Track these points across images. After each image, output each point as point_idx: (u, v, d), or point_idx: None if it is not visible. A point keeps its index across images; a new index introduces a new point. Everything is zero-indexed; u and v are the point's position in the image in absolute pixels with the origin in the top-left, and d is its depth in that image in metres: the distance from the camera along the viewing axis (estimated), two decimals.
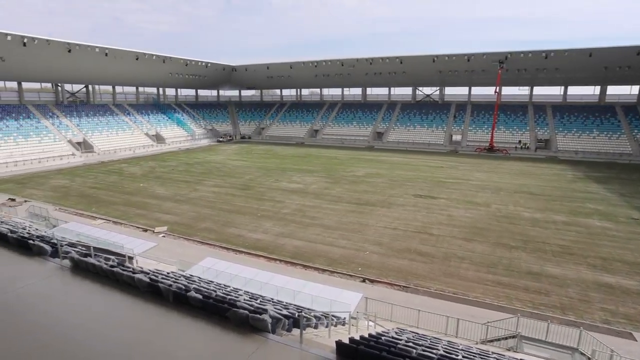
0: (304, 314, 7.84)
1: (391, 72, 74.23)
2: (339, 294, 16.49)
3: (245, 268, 19.21)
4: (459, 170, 47.55)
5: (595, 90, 69.57)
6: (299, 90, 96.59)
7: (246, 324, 5.40)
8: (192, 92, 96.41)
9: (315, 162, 53.53)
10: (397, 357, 5.31)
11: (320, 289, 16.78)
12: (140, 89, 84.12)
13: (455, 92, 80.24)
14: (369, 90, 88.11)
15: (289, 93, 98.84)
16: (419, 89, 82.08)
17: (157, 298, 6.40)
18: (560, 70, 63.22)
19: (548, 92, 73.37)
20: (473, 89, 77.05)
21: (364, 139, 74.69)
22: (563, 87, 71.16)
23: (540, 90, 73.05)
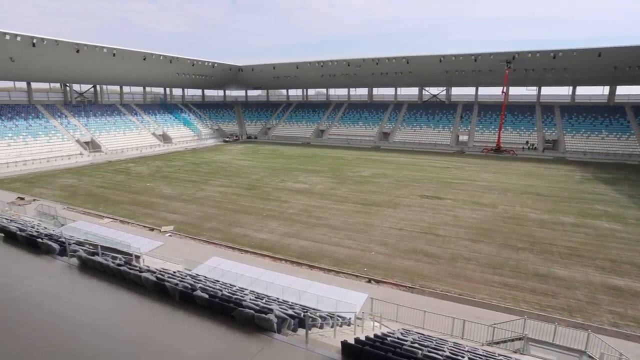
0: (309, 314, 7.83)
1: (398, 72, 74.02)
2: (345, 294, 16.49)
3: (251, 268, 19.29)
4: (466, 170, 47.28)
5: (605, 90, 68.88)
6: (305, 90, 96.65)
7: (252, 324, 5.41)
8: (199, 92, 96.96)
9: (321, 162, 53.54)
10: (403, 358, 5.29)
11: (326, 289, 16.79)
12: (148, 89, 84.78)
13: (462, 92, 79.83)
14: (375, 91, 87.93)
15: (295, 93, 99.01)
16: (425, 89, 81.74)
17: (164, 297, 6.43)
18: (568, 70, 62.63)
19: (556, 92, 72.70)
20: (480, 89, 76.57)
21: (370, 139, 74.56)
22: (571, 87, 70.46)
23: (548, 91, 72.45)
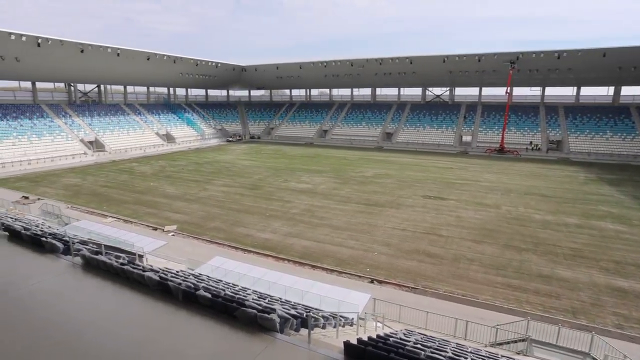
0: (312, 314, 7.83)
1: (401, 73, 73.87)
2: (347, 295, 16.48)
3: (253, 267, 19.31)
4: (469, 171, 47.13)
5: (609, 90, 68.45)
6: (308, 90, 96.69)
7: (254, 323, 5.41)
8: (202, 92, 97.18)
9: (324, 163, 53.51)
10: (405, 359, 5.28)
11: (328, 289, 16.78)
12: (151, 89, 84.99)
13: (466, 93, 79.59)
14: (378, 91, 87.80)
15: (298, 93, 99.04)
16: (428, 90, 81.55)
17: (167, 296, 6.44)
18: (573, 70, 62.29)
19: (560, 93, 72.35)
20: (484, 89, 76.33)
21: (373, 140, 74.46)
22: (576, 88, 70.07)
23: (552, 91, 72.06)
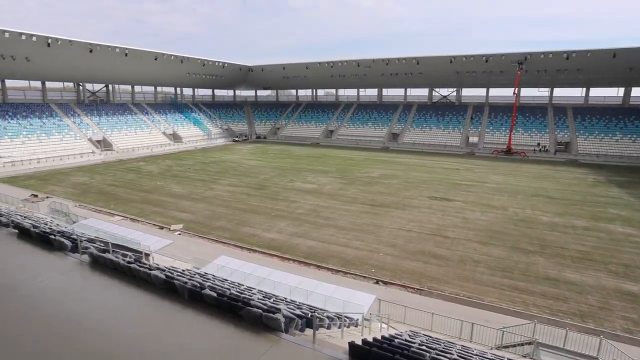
0: (317, 314, 7.83)
1: (407, 73, 73.67)
2: (352, 295, 16.44)
3: (259, 267, 19.33)
4: (475, 172, 46.85)
5: (619, 91, 67.66)
6: (314, 90, 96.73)
7: (259, 323, 5.42)
8: (209, 92, 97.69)
9: (330, 163, 53.51)
10: None
11: (333, 290, 16.76)
12: (159, 89, 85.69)
13: (473, 93, 79.18)
14: (384, 91, 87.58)
15: (305, 93, 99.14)
16: (435, 90, 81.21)
17: (173, 295, 6.48)
18: (582, 71, 61.66)
19: (569, 94, 71.67)
20: (491, 90, 75.86)
21: (379, 140, 74.31)
22: (585, 89, 69.37)
23: (560, 92, 71.40)
